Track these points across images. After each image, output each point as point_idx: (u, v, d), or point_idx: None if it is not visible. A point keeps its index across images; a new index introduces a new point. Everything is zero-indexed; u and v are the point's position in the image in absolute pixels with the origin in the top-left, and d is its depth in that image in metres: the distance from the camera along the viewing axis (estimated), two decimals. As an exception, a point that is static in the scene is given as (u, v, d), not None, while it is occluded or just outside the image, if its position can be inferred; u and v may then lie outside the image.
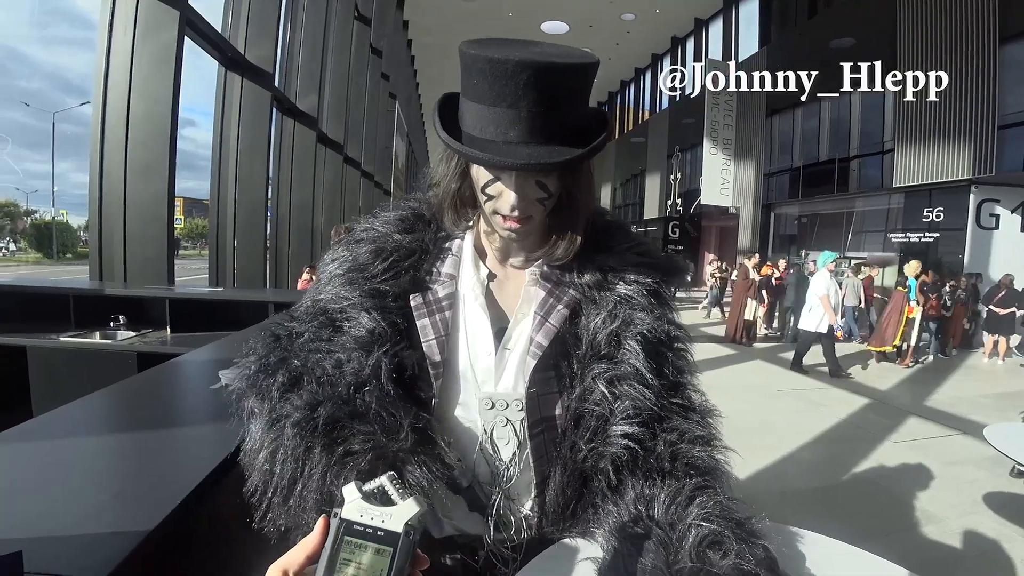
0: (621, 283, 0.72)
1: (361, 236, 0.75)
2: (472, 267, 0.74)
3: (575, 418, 0.69)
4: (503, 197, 0.65)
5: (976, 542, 2.83)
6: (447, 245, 0.76)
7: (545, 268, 0.74)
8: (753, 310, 8.94)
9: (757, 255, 9.86)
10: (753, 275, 8.90)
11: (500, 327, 0.72)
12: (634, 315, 0.70)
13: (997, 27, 8.97)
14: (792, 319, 9.49)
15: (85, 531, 0.72)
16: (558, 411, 0.70)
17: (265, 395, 0.64)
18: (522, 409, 0.69)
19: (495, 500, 0.71)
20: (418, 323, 0.70)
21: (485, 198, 0.67)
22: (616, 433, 0.66)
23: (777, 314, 10.22)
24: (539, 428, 0.69)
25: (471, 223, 0.75)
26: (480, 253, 0.76)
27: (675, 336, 0.74)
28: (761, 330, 9.59)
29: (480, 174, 0.67)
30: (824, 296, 6.29)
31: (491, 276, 0.75)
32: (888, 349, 7.40)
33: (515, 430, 0.70)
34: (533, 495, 0.71)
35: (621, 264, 0.73)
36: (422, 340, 0.70)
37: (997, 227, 9.75)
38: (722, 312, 12.61)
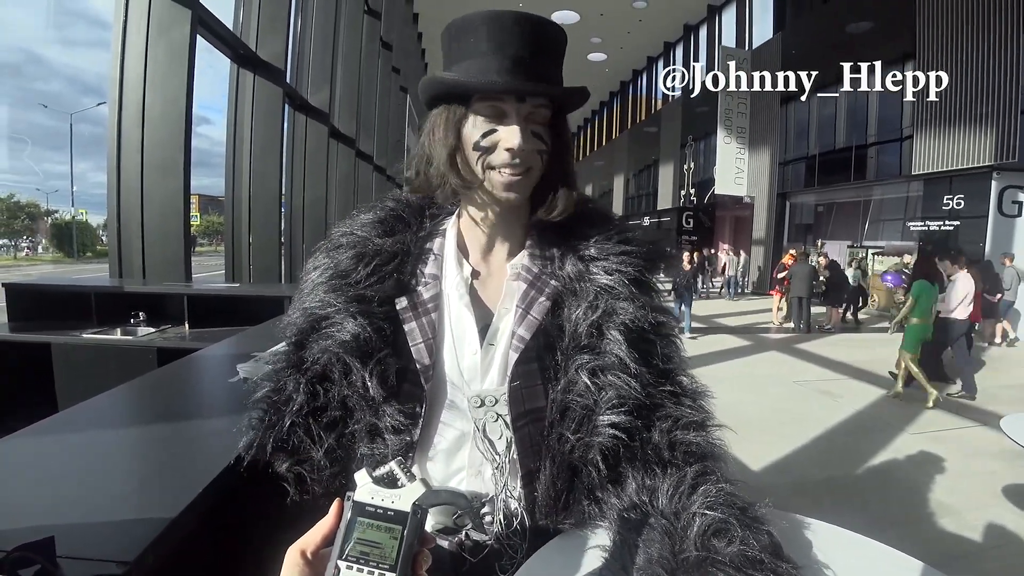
0: (602, 273, 0.72)
1: (341, 242, 0.75)
2: (455, 266, 0.74)
3: (561, 410, 0.68)
4: (501, 146, 0.65)
5: (995, 534, 2.80)
6: (428, 246, 0.76)
7: (526, 260, 0.74)
8: None
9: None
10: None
11: (484, 324, 0.72)
12: (616, 305, 0.70)
13: (1021, 6, 8.70)
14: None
15: (113, 517, 0.75)
16: (543, 403, 0.70)
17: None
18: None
19: (499, 491, 0.71)
20: (405, 327, 0.70)
21: (480, 154, 0.67)
22: (603, 423, 0.66)
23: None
24: (523, 421, 0.69)
25: (474, 187, 0.71)
26: (463, 251, 0.75)
27: (661, 323, 0.73)
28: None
29: (475, 129, 0.67)
30: None
31: (475, 274, 0.74)
32: None
33: (506, 424, 0.70)
34: (521, 486, 0.71)
35: (602, 253, 0.73)
36: (410, 344, 0.70)
37: (1020, 214, 9.48)
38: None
